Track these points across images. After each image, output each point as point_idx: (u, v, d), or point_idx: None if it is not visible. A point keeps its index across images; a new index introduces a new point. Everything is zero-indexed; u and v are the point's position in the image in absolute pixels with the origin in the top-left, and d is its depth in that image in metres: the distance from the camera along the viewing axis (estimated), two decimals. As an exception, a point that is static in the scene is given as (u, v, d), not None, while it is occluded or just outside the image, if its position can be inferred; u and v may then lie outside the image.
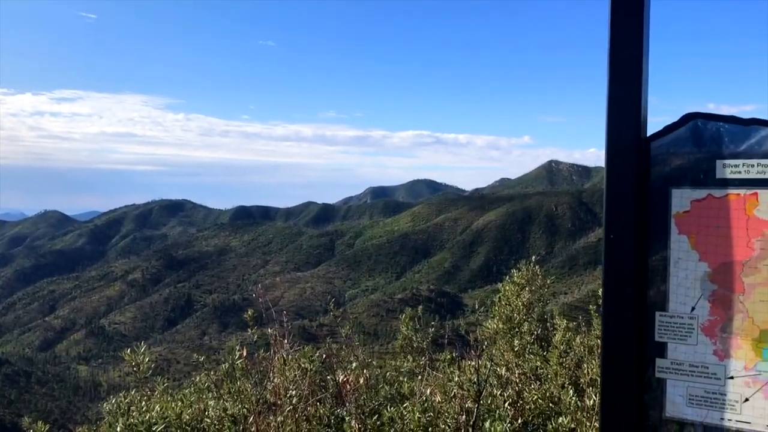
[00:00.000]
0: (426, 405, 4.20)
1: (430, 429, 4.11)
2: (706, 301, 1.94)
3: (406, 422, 4.14)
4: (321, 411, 4.21)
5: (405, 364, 5.92)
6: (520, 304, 5.94)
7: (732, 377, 1.92)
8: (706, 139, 1.96)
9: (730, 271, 1.91)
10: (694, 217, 1.95)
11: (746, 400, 1.90)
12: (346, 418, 4.19)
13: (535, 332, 5.71)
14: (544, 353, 5.15)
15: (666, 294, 1.99)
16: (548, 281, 6.42)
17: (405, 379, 5.35)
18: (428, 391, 4.46)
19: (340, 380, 4.60)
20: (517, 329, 5.67)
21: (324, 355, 4.93)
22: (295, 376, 4.42)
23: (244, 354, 4.64)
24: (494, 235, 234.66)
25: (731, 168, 1.91)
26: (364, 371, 4.74)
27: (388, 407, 4.32)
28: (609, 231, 2.01)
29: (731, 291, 1.91)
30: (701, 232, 1.94)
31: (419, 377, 5.17)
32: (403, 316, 6.61)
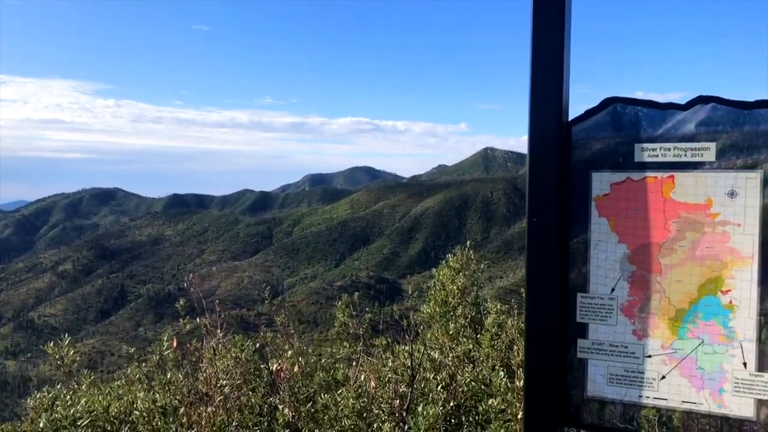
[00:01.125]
0: (360, 391, 4.20)
1: (364, 414, 4.11)
2: (625, 282, 1.99)
3: (340, 408, 4.13)
4: (253, 400, 4.16)
5: (341, 351, 5.91)
6: (454, 288, 5.98)
7: (650, 356, 1.98)
8: (625, 123, 1.99)
9: (647, 252, 1.96)
10: (614, 200, 1.99)
11: (663, 377, 1.96)
12: (280, 407, 4.15)
13: (469, 316, 5.77)
14: (477, 336, 5.22)
15: (587, 276, 2.03)
16: (482, 266, 6.48)
17: (341, 366, 5.34)
18: (363, 377, 4.46)
19: (274, 369, 4.55)
20: (451, 313, 5.71)
21: (257, 344, 4.87)
22: (227, 365, 4.35)
23: (174, 344, 4.54)
24: (432, 222, 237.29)
25: (649, 152, 1.95)
26: (300, 359, 4.70)
27: (323, 394, 4.30)
28: (532, 214, 2.04)
29: (649, 272, 1.96)
30: (620, 214, 1.99)
31: (354, 363, 5.17)
32: (339, 302, 6.59)
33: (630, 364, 1.99)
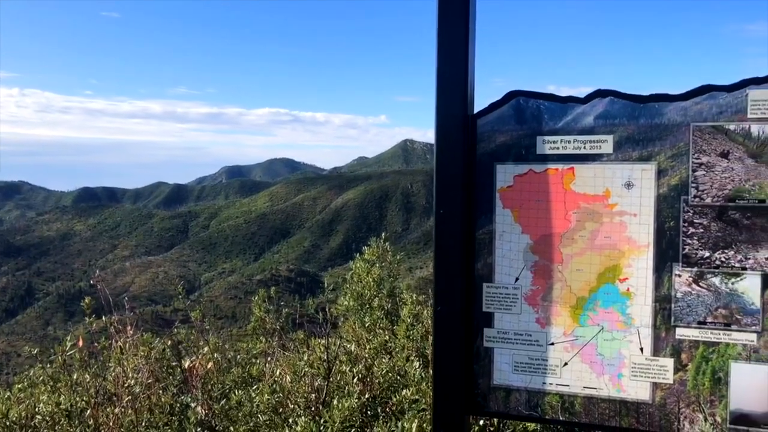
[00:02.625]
0: (275, 386, 4.15)
1: (280, 410, 4.07)
2: (528, 271, 2.03)
3: (255, 404, 4.07)
4: (164, 399, 4.05)
5: (257, 346, 5.83)
6: (370, 280, 5.99)
7: (552, 343, 2.03)
8: (528, 116, 2.04)
9: (549, 242, 2.01)
10: (517, 191, 2.03)
11: (565, 364, 2.02)
12: (192, 405, 4.05)
13: (386, 307, 5.79)
14: (393, 327, 5.25)
15: (492, 266, 2.07)
16: (398, 257, 6.52)
17: (257, 362, 5.27)
18: (278, 372, 4.41)
19: (187, 366, 4.44)
20: (368, 305, 5.72)
21: (169, 341, 4.74)
22: (138, 364, 4.22)
23: (81, 344, 4.36)
24: (353, 214, 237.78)
25: (550, 144, 2.00)
26: (214, 355, 4.61)
27: (237, 391, 4.23)
28: (439, 206, 2.05)
29: (551, 261, 2.01)
30: (523, 206, 2.03)
31: (270, 358, 5.11)
32: (256, 297, 6.50)
33: (534, 351, 2.04)
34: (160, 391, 4.17)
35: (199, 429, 3.93)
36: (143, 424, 3.90)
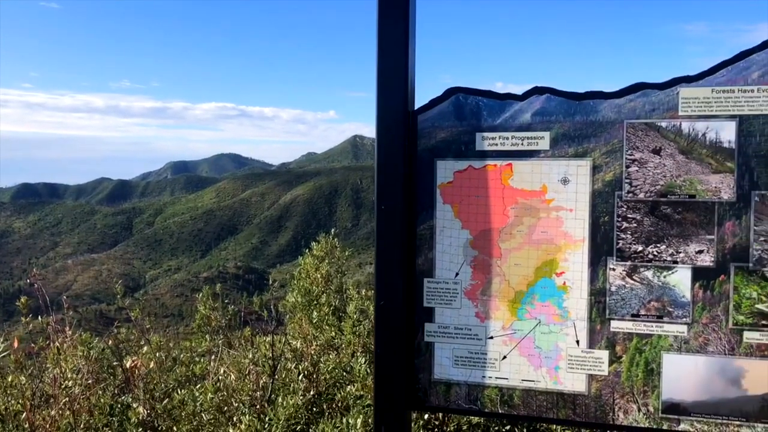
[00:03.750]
0: (219, 384, 4.10)
1: (224, 408, 4.02)
2: (468, 266, 2.06)
3: (198, 403, 4.02)
4: (103, 400, 3.95)
5: (202, 344, 5.74)
6: (318, 276, 5.97)
7: (492, 337, 2.06)
8: (467, 112, 2.06)
9: (488, 237, 2.04)
10: (457, 187, 2.05)
11: (504, 357, 2.05)
12: (133, 405, 3.97)
13: (333, 303, 5.78)
14: (340, 323, 5.24)
15: (433, 261, 2.09)
16: (346, 253, 6.51)
17: (202, 360, 5.19)
18: (222, 370, 4.36)
19: (128, 365, 4.35)
20: (315, 302, 5.70)
21: (110, 341, 4.64)
22: (76, 365, 4.11)
23: (16, 345, 4.23)
24: (302, 210, 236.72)
25: (489, 140, 2.03)
26: (157, 354, 4.53)
27: (180, 390, 4.17)
28: (380, 202, 2.06)
29: (490, 256, 2.04)
30: (463, 201, 2.05)
31: (214, 357, 5.04)
32: (201, 294, 6.40)
33: (473, 345, 2.07)
34: (100, 392, 4.08)
35: (140, 429, 3.85)
36: (81, 425, 3.81)
